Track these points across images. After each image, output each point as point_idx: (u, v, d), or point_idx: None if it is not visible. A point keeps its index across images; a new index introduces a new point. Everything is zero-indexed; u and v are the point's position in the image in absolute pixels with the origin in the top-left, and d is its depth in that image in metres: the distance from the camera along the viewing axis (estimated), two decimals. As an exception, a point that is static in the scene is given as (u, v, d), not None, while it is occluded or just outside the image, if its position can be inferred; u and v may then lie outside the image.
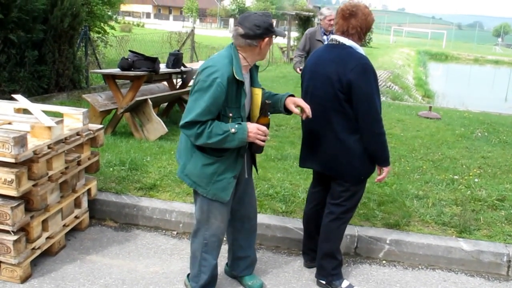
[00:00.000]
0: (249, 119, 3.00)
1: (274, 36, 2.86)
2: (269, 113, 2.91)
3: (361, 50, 3.15)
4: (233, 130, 2.73)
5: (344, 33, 3.15)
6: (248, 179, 3.19)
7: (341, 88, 3.05)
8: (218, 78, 2.69)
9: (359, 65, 3.04)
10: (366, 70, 3.05)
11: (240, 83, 2.79)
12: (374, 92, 3.07)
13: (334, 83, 3.07)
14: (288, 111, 3.10)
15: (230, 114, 2.80)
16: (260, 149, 2.90)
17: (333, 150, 3.19)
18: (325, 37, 6.82)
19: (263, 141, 2.82)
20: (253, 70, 2.98)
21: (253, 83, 2.97)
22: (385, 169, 3.25)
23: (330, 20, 6.64)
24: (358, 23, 3.11)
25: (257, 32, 2.76)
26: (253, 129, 2.78)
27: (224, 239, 3.47)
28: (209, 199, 2.95)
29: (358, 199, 3.37)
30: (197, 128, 2.72)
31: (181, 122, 2.77)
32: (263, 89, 3.17)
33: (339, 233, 3.39)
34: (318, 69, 3.21)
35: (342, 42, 3.15)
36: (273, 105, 3.07)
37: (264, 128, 2.81)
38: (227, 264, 3.52)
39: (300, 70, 5.28)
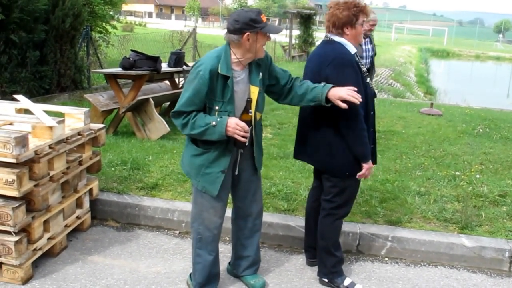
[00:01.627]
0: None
1: (266, 33, 2.82)
2: (250, 110, 2.90)
3: (350, 46, 3.13)
4: (213, 123, 2.79)
5: (326, 29, 3.21)
6: (251, 178, 3.19)
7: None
8: (201, 71, 2.80)
9: (336, 59, 3.05)
10: (343, 64, 3.05)
11: (226, 78, 2.82)
12: (353, 86, 3.00)
13: (316, 78, 3.11)
14: (329, 101, 3.00)
15: (217, 108, 2.85)
16: (241, 145, 2.89)
17: (318, 144, 3.22)
18: (363, 40, 6.00)
19: (244, 137, 2.83)
20: (253, 67, 2.96)
21: (251, 80, 2.96)
22: (365, 166, 3.17)
23: (372, 24, 5.80)
24: (330, 17, 3.13)
25: (235, 26, 2.78)
26: (232, 123, 2.80)
27: (228, 238, 3.48)
28: (201, 192, 3.02)
29: (349, 196, 3.33)
30: (182, 118, 2.85)
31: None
32: (301, 81, 3.16)
33: (333, 229, 3.37)
34: (308, 64, 3.31)
35: (332, 38, 3.17)
36: (313, 99, 3.02)
37: (243, 124, 2.81)
38: (229, 263, 3.52)
39: None
